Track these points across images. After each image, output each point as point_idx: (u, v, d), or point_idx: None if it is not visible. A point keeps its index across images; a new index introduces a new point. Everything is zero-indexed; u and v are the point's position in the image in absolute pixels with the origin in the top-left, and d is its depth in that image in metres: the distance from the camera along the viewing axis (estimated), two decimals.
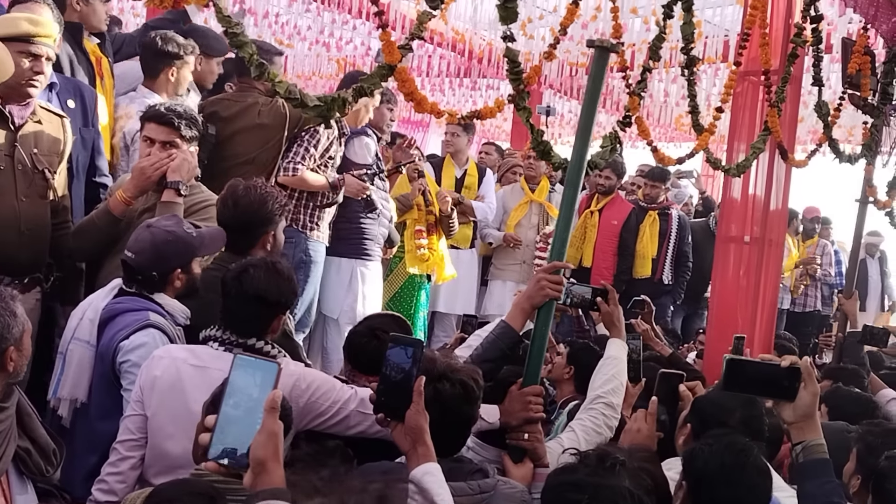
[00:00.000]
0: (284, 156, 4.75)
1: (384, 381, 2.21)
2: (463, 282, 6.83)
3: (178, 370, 2.74)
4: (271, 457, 1.71)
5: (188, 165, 3.61)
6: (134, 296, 3.12)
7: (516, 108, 3.49)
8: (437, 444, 2.24)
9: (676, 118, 12.40)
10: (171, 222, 3.20)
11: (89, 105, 3.99)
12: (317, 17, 9.99)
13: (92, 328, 3.06)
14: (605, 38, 3.26)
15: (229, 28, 3.06)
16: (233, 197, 3.37)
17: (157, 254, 3.09)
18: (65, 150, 3.63)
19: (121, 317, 3.04)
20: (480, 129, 15.34)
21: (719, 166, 5.25)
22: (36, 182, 3.48)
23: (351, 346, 3.30)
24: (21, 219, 3.40)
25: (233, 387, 1.77)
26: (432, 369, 2.37)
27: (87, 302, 3.18)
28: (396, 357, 2.20)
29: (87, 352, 3.05)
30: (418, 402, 2.19)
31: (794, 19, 5.47)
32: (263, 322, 2.83)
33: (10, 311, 2.36)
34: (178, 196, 3.54)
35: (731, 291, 5.78)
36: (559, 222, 3.05)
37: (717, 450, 2.39)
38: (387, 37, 3.22)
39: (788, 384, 2.27)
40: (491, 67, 10.57)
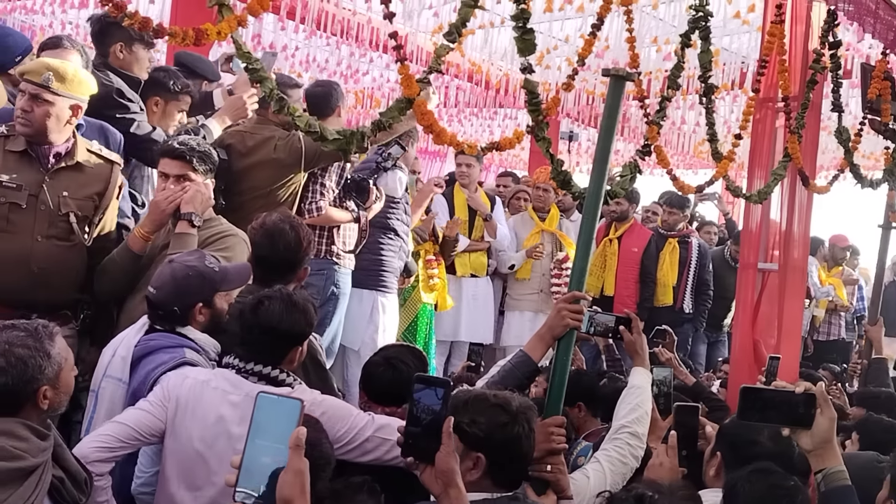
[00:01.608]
0: (303, 197, 4.79)
1: (413, 423, 2.15)
2: (481, 310, 6.83)
3: (201, 392, 2.76)
4: (298, 495, 1.69)
5: (201, 197, 3.62)
6: (166, 332, 3.11)
7: (536, 138, 3.50)
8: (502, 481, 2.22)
9: (695, 145, 12.38)
10: (192, 257, 3.21)
11: (113, 146, 4.00)
12: (335, 49, 10.07)
13: (124, 365, 3.05)
14: (620, 68, 3.27)
15: (249, 64, 3.10)
16: (282, 236, 3.41)
17: (178, 289, 3.10)
18: (107, 195, 3.64)
19: (155, 354, 3.03)
20: (497, 159, 15.39)
21: (740, 193, 5.23)
22: (58, 224, 3.49)
23: (366, 376, 3.30)
24: (32, 258, 3.41)
25: (257, 425, 1.75)
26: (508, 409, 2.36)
27: (118, 339, 3.18)
28: (426, 398, 2.14)
29: (120, 389, 3.04)
30: (448, 443, 2.13)
31: (813, 45, 5.46)
32: (279, 353, 2.83)
33: (43, 352, 2.35)
34: (191, 227, 3.55)
35: (753, 319, 5.73)
36: (577, 252, 3.04)
37: (759, 489, 2.35)
38: (405, 70, 3.24)
39: (804, 411, 2.24)
40: (508, 97, 10.61)
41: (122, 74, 4.26)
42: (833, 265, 10.16)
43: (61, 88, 3.42)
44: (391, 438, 2.75)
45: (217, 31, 2.77)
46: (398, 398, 3.16)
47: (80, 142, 3.58)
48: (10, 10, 9.53)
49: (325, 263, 4.96)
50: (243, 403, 2.65)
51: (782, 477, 2.45)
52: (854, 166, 6.21)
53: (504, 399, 2.43)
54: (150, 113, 4.38)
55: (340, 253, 5.06)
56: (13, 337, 2.35)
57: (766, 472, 2.48)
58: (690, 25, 4.18)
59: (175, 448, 2.75)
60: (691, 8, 4.17)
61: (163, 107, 4.44)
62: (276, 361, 2.82)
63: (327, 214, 4.87)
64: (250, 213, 3.89)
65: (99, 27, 4.34)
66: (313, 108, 4.85)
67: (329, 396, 2.97)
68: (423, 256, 6.21)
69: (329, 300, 4.93)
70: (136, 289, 3.64)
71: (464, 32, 3.47)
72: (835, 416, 2.28)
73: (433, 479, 2.14)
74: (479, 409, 2.36)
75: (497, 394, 2.50)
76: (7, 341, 2.34)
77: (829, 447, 2.26)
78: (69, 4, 9.09)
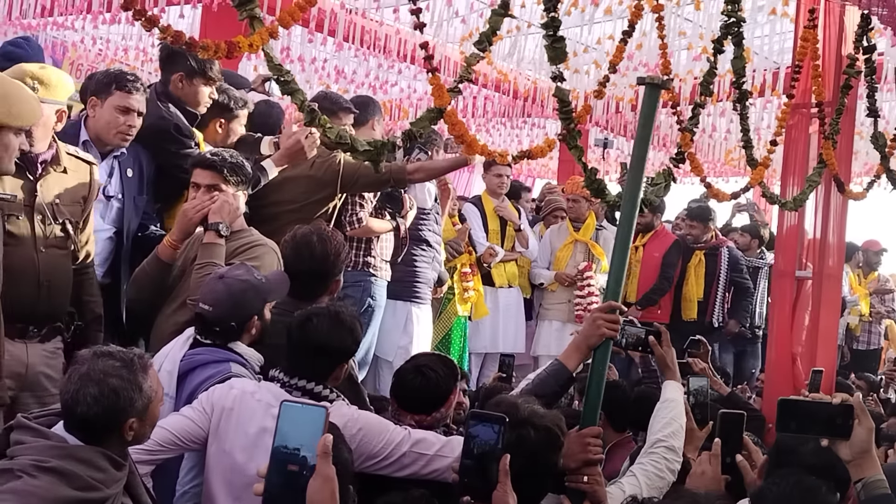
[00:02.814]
0: (343, 210, 4.81)
1: (468, 458, 2.12)
2: (512, 320, 6.80)
3: (245, 403, 2.77)
4: (328, 501, 1.69)
5: (229, 207, 3.61)
6: (211, 346, 3.12)
7: (568, 147, 3.48)
8: (518, 493, 2.16)
9: (726, 153, 12.26)
10: (241, 271, 3.22)
11: (145, 173, 4.00)
12: (363, 61, 10.11)
13: (171, 380, 3.05)
14: (655, 76, 3.24)
15: (280, 76, 3.11)
16: (308, 248, 3.41)
17: (235, 303, 3.12)
18: (90, 197, 3.55)
19: (202, 369, 3.04)
20: (526, 168, 15.35)
21: (776, 200, 5.16)
22: (56, 233, 3.41)
23: (397, 383, 3.29)
24: (40, 270, 3.33)
25: (282, 434, 1.75)
26: (515, 414, 2.32)
27: (162, 353, 3.18)
28: (483, 434, 2.11)
29: (167, 403, 3.00)
30: (505, 482, 2.10)
31: (847, 50, 5.40)
32: (325, 370, 2.85)
33: (135, 385, 2.33)
34: (218, 238, 3.55)
35: (789, 327, 5.65)
36: (613, 261, 3.00)
37: (784, 488, 2.32)
38: (436, 80, 3.24)
39: (842, 422, 2.24)
40: (536, 106, 10.58)
41: (181, 106, 4.23)
42: (868, 271, 10.04)
43: (46, 96, 3.32)
44: (428, 453, 2.74)
45: (249, 43, 2.78)
46: (428, 406, 3.16)
47: (60, 146, 3.47)
48: (42, 26, 9.64)
49: (362, 275, 5.00)
50: None
51: (807, 477, 2.42)
52: (891, 172, 6.12)
53: (511, 404, 2.40)
54: (213, 133, 4.41)
55: (377, 264, 5.08)
56: (109, 367, 2.32)
57: (791, 474, 2.45)
58: (723, 30, 4.13)
59: (218, 457, 2.76)
60: (724, 13, 4.12)
61: (226, 127, 4.48)
62: (320, 377, 2.83)
63: (368, 226, 4.91)
64: (283, 225, 3.90)
65: (166, 54, 4.31)
66: None
67: (366, 412, 2.97)
68: (459, 269, 6.20)
69: (365, 312, 4.96)
70: (167, 301, 3.65)
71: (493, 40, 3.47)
72: (872, 426, 2.27)
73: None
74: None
75: (509, 400, 2.47)
76: (103, 370, 2.31)
77: (868, 457, 2.25)
78: (101, 21, 9.19)
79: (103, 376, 2.31)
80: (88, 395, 2.29)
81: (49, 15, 9.38)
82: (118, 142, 3.84)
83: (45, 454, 2.24)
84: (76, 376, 2.32)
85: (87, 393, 2.29)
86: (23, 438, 2.29)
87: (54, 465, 2.22)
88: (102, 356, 2.36)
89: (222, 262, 3.45)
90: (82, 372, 2.33)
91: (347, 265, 4.90)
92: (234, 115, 4.51)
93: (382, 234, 5.09)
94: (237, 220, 3.71)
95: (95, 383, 2.30)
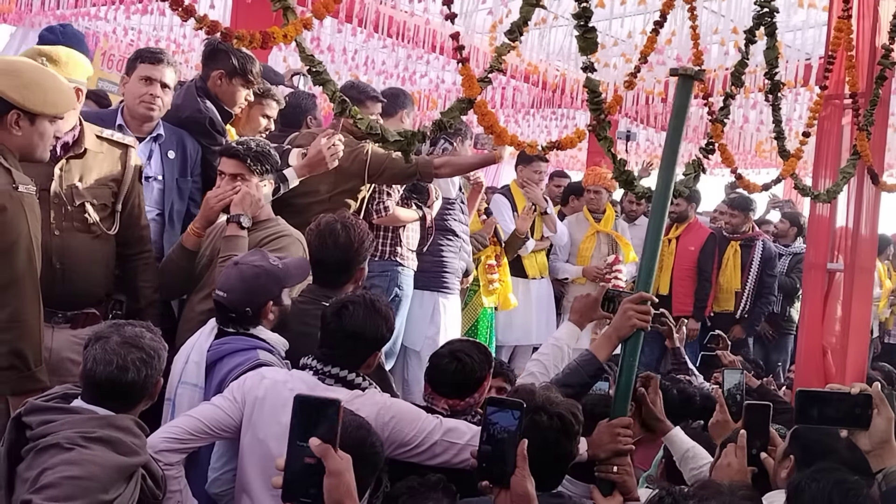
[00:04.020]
0: (370, 199, 4.82)
1: (487, 443, 2.14)
2: (544, 312, 6.78)
3: (278, 392, 2.79)
4: (345, 495, 1.73)
5: (251, 199, 3.61)
6: (237, 335, 3.14)
7: (597, 138, 3.47)
8: (534, 478, 2.19)
9: (757, 144, 12.17)
10: (256, 257, 3.23)
11: (190, 156, 4.02)
12: (391, 52, 10.13)
13: (199, 371, 3.08)
14: (688, 66, 3.22)
15: (312, 66, 3.12)
16: (332, 236, 3.41)
17: (248, 289, 3.13)
18: (125, 180, 3.53)
19: (229, 357, 3.06)
20: (555, 160, 15.32)
21: (808, 192, 5.12)
22: (74, 216, 3.38)
23: (432, 368, 3.31)
24: (53, 252, 3.29)
25: (296, 428, 1.77)
26: (530, 401, 2.34)
27: (188, 344, 3.20)
28: (502, 420, 2.12)
29: (196, 394, 3.06)
30: (523, 466, 2.11)
31: (881, 40, 5.33)
32: (359, 357, 2.87)
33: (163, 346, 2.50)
34: (240, 230, 3.55)
35: (820, 320, 5.61)
36: (645, 252, 3.00)
37: (824, 486, 2.31)
38: (467, 71, 3.24)
39: (861, 412, 2.24)
40: (565, 97, 10.56)
41: (217, 103, 4.23)
42: None
43: (58, 73, 3.25)
44: (459, 442, 2.75)
45: (283, 34, 2.79)
46: (462, 391, 3.19)
47: (87, 128, 3.45)
48: (74, 16, 9.74)
49: (390, 265, 5.02)
50: None
51: (847, 473, 2.41)
52: None
53: (528, 391, 2.41)
54: (234, 118, 4.38)
55: (404, 253, 5.09)
56: (138, 332, 2.43)
57: (830, 470, 2.44)
58: (755, 21, 4.10)
59: (253, 446, 2.79)
60: (756, 3, 4.09)
61: (247, 111, 4.45)
62: (354, 365, 2.85)
63: (394, 214, 4.92)
64: (311, 216, 3.85)
65: (209, 50, 4.29)
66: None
67: (398, 400, 2.99)
68: (484, 262, 6.17)
69: (392, 301, 4.96)
70: (195, 290, 3.69)
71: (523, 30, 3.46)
72: (892, 415, 2.27)
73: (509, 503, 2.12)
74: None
75: (527, 387, 2.48)
76: (136, 335, 2.41)
77: (888, 447, 2.25)
78: (133, 11, 9.27)
79: (139, 340, 2.41)
80: (136, 359, 2.41)
81: (81, 5, 9.48)
82: (143, 111, 3.84)
83: (87, 426, 2.33)
84: (112, 346, 2.41)
85: (134, 358, 2.41)
86: (51, 418, 2.36)
87: (101, 434, 2.31)
88: (121, 325, 2.47)
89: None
90: (118, 341, 2.42)
91: (374, 255, 4.93)
92: (259, 102, 4.46)
93: (409, 224, 5.10)
94: (263, 209, 3.72)
95: (138, 348, 2.41)
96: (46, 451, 2.27)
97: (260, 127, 4.49)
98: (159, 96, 3.87)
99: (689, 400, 4.23)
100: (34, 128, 2.94)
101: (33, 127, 2.94)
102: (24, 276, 2.86)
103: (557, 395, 2.54)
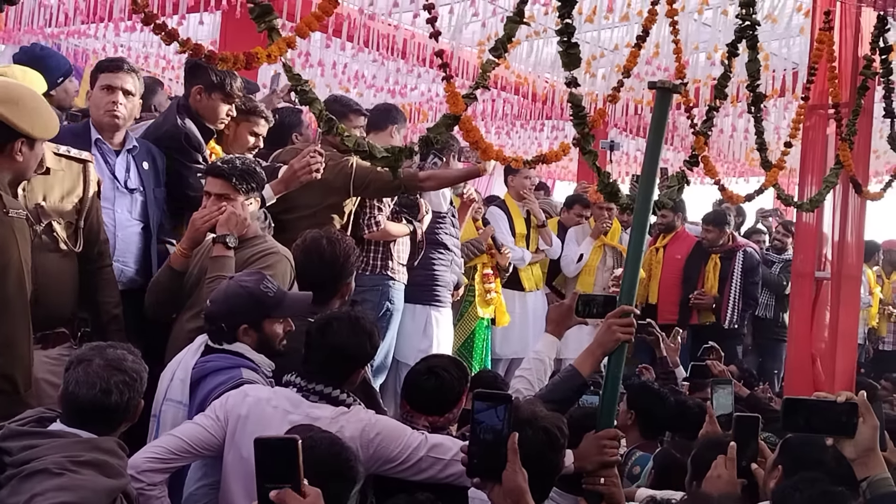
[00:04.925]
0: (361, 213, 4.82)
1: (476, 442, 2.14)
2: (540, 324, 6.80)
3: (262, 410, 2.79)
4: None
5: (236, 219, 3.59)
6: (222, 352, 3.13)
7: (582, 151, 3.51)
8: None
9: (747, 152, 12.22)
10: (251, 278, 3.22)
11: (159, 166, 4.01)
12: (380, 66, 10.16)
13: (183, 388, 3.08)
14: (666, 80, 3.26)
15: (298, 85, 3.16)
16: (317, 251, 3.42)
17: (227, 306, 3.13)
18: (85, 196, 3.50)
19: (212, 375, 3.06)
20: (546, 171, 15.36)
21: (791, 202, 5.17)
22: (42, 235, 3.35)
23: (409, 385, 3.32)
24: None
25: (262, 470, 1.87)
26: (516, 416, 2.36)
27: (174, 362, 3.20)
28: (488, 417, 2.13)
29: (181, 412, 3.06)
30: (514, 460, 2.13)
31: (863, 51, 5.39)
32: (343, 374, 2.87)
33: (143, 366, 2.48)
34: (226, 250, 3.53)
35: (809, 328, 5.66)
36: (627, 265, 3.03)
37: (809, 496, 2.33)
38: (451, 87, 3.28)
39: (847, 420, 2.25)
40: (554, 109, 10.60)
41: (198, 121, 4.21)
42: (890, 271, 10.00)
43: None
44: (445, 457, 2.76)
45: (267, 54, 2.83)
46: (441, 408, 3.20)
47: (45, 146, 3.35)
48: (63, 34, 9.76)
49: (380, 279, 5.02)
50: (302, 423, 2.68)
51: (831, 484, 2.43)
52: None
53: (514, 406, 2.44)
54: (221, 136, 4.36)
55: (395, 267, 5.11)
56: (119, 354, 2.42)
57: (815, 480, 2.46)
58: (737, 34, 4.15)
59: (236, 464, 2.79)
60: (738, 17, 4.14)
61: (234, 129, 4.41)
62: (339, 382, 2.86)
63: (386, 229, 4.92)
64: (298, 232, 3.86)
65: (189, 66, 4.29)
66: (370, 122, 4.98)
67: (384, 417, 2.99)
68: (480, 270, 6.16)
69: (383, 316, 4.97)
70: (184, 310, 3.67)
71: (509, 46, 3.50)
72: (877, 424, 2.28)
73: (502, 499, 2.14)
74: None
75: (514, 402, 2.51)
76: (118, 358, 2.40)
77: (873, 455, 2.26)
78: (122, 28, 9.29)
79: (122, 363, 2.41)
80: (119, 382, 2.39)
81: (70, 24, 9.50)
82: (108, 119, 3.79)
83: (73, 450, 2.31)
84: (95, 369, 2.40)
85: (118, 381, 2.39)
86: (34, 442, 2.33)
87: (88, 458, 2.30)
88: (103, 348, 2.46)
89: (232, 274, 3.44)
90: (101, 364, 2.41)
91: (365, 269, 4.95)
92: (246, 119, 4.43)
93: (399, 238, 5.12)
94: (251, 227, 3.70)
95: (121, 371, 2.40)
96: (33, 477, 2.25)
97: (248, 144, 4.46)
98: (121, 103, 3.82)
99: (686, 412, 4.27)
100: (33, 152, 3.00)
101: (32, 151, 2.99)
102: (15, 300, 2.87)
103: (542, 409, 2.56)
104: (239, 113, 4.38)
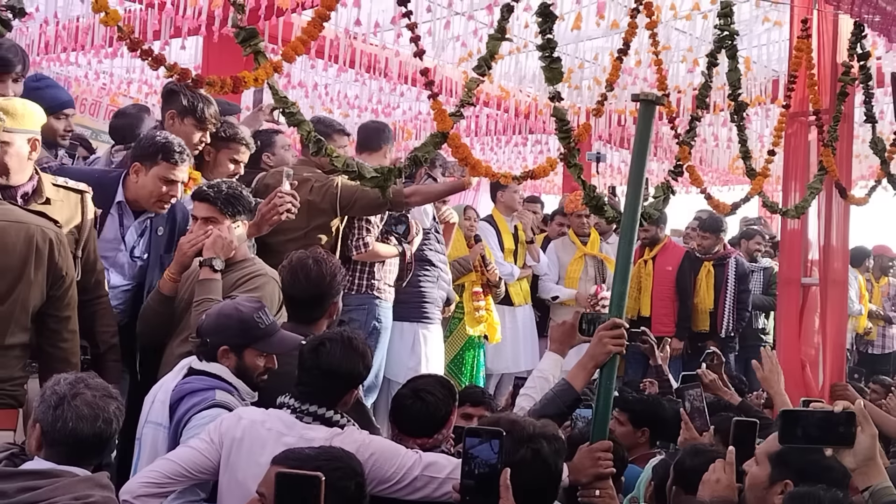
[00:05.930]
0: (349, 234, 4.84)
1: (468, 477, 2.14)
2: (529, 338, 6.83)
3: (256, 432, 2.80)
4: None
5: (222, 242, 3.60)
6: (202, 375, 3.14)
7: (567, 165, 3.54)
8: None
9: (730, 161, 12.29)
10: (250, 304, 3.22)
11: (179, 228, 3.95)
12: (362, 85, 10.18)
13: (164, 410, 3.09)
14: (650, 92, 3.30)
15: (285, 108, 3.18)
16: (304, 271, 3.42)
17: (215, 323, 3.15)
18: (83, 226, 3.50)
19: (189, 397, 3.06)
20: (531, 185, 15.40)
21: (777, 209, 5.21)
22: None
23: (396, 408, 3.32)
24: None
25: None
26: (521, 431, 2.36)
27: (158, 385, 3.22)
28: (481, 452, 2.13)
29: (161, 433, 3.08)
30: (506, 496, 2.13)
31: (841, 58, 5.45)
32: (337, 395, 2.87)
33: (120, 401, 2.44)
34: (213, 273, 3.55)
35: (797, 335, 5.69)
36: (616, 277, 3.05)
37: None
38: (438, 105, 3.30)
39: (845, 430, 2.23)
40: (537, 123, 10.64)
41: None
42: (880, 276, 10.05)
43: (14, 125, 3.27)
44: (439, 476, 2.76)
45: (254, 77, 2.85)
46: (428, 429, 3.20)
47: (43, 178, 3.41)
48: (45, 61, 9.74)
49: (367, 298, 5.02)
50: (297, 445, 2.69)
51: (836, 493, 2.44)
52: (892, 176, 6.16)
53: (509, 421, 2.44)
54: (202, 162, 4.35)
55: (381, 287, 5.10)
56: (101, 383, 2.39)
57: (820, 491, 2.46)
58: (716, 45, 4.20)
59: (231, 487, 2.79)
60: (717, 27, 4.19)
61: (214, 155, 4.39)
62: (332, 403, 2.85)
63: (374, 250, 4.92)
64: (286, 254, 3.78)
65: (165, 91, 4.30)
66: (362, 143, 5.02)
67: (378, 437, 2.99)
68: (469, 288, 6.16)
69: (371, 335, 4.96)
70: (173, 335, 3.68)
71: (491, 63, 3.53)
72: (875, 432, 2.27)
73: None
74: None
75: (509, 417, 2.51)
76: (102, 387, 2.37)
77: (873, 464, 2.25)
78: (104, 55, 9.29)
79: (108, 389, 2.38)
80: (115, 409, 2.37)
81: (52, 51, 9.49)
82: (156, 209, 3.80)
83: (79, 489, 2.26)
84: (90, 400, 2.35)
85: (114, 408, 2.36)
86: (33, 484, 2.26)
87: (97, 497, 2.26)
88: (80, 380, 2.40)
89: (219, 297, 3.46)
90: (94, 395, 2.36)
91: (351, 289, 4.95)
92: (226, 146, 4.39)
93: (387, 259, 5.12)
94: (238, 250, 3.70)
95: (112, 398, 2.38)
96: None
97: (229, 171, 4.41)
98: (176, 196, 3.81)
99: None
100: None
101: None
102: None
103: (538, 421, 2.57)
104: (219, 140, 4.36)
